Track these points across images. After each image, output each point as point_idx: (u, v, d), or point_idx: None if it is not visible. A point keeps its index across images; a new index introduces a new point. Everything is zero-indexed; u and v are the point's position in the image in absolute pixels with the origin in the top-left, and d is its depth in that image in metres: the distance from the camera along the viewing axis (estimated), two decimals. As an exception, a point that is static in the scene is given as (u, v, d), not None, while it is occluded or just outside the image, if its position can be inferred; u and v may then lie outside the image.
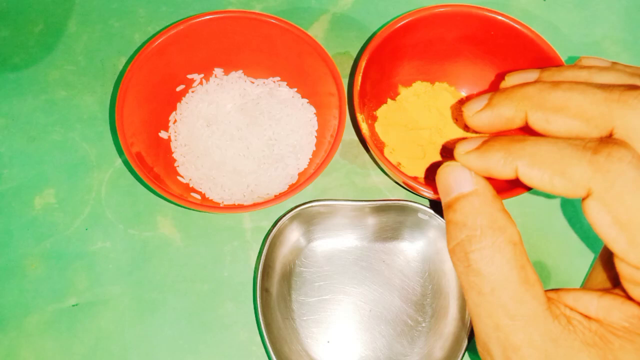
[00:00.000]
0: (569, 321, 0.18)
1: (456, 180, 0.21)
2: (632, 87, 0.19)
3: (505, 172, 0.20)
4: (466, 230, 0.20)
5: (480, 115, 0.23)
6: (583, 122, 0.19)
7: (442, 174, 0.22)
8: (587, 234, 0.37)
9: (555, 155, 0.18)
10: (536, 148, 0.19)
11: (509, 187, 0.31)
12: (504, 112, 0.22)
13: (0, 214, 0.37)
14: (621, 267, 0.18)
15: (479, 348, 0.20)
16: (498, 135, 0.21)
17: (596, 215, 0.18)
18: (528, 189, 0.30)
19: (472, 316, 0.20)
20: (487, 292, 0.19)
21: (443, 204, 0.21)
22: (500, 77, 0.37)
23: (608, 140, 0.18)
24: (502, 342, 0.19)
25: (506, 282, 0.19)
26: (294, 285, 0.35)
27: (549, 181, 0.18)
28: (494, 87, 0.38)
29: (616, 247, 0.18)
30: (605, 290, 0.20)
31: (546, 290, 0.20)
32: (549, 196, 0.38)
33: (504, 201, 0.29)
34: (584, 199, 0.18)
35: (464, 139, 0.22)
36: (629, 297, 0.19)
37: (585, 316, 0.19)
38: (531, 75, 0.24)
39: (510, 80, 0.25)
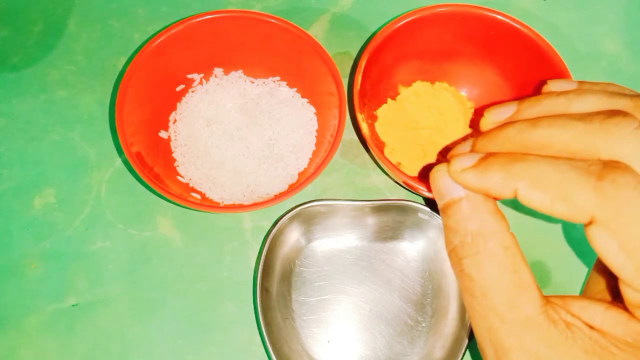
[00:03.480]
0: (569, 327, 0.18)
1: (446, 185, 0.21)
2: (611, 114, 0.18)
3: (504, 194, 0.19)
4: (458, 237, 0.20)
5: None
6: (569, 157, 0.19)
7: (433, 179, 0.21)
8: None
9: (557, 178, 0.18)
10: (538, 170, 0.18)
11: None
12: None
13: (0, 214, 0.37)
14: (627, 292, 0.18)
15: (478, 347, 0.20)
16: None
17: (602, 242, 0.17)
18: None
19: (469, 316, 0.20)
20: (479, 296, 0.19)
21: (438, 208, 0.21)
22: (500, 77, 0.38)
23: (612, 164, 0.18)
24: (494, 344, 0.19)
25: (497, 286, 0.19)
26: (294, 285, 0.35)
27: (550, 205, 0.18)
28: (494, 88, 0.38)
29: (623, 273, 0.17)
30: (611, 303, 0.19)
31: (553, 296, 0.20)
32: (548, 218, 0.38)
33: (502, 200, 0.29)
34: (587, 225, 0.18)
35: (465, 138, 0.22)
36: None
37: (588, 325, 0.19)
38: (510, 107, 0.23)
39: (489, 116, 0.24)
